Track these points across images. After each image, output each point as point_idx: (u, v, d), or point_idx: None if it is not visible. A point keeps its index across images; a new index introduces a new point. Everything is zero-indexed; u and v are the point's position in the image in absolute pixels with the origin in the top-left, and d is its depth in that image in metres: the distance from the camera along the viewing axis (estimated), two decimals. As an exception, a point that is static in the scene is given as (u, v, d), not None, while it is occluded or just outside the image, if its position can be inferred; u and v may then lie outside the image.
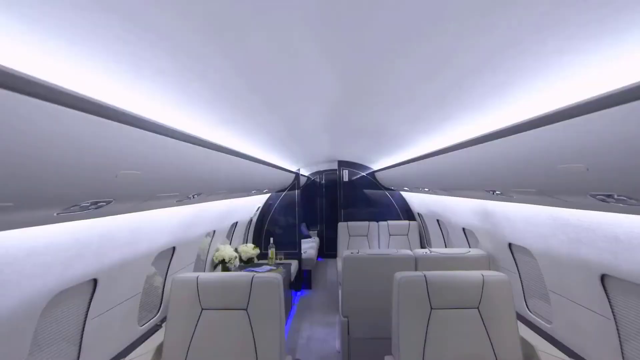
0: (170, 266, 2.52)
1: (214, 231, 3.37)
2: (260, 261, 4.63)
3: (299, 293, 5.34)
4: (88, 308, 1.72)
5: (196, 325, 2.03)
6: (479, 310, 1.99)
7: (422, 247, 5.07)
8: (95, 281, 1.70)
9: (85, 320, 1.71)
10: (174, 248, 2.51)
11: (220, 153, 1.70)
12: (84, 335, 1.70)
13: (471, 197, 2.50)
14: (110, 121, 0.90)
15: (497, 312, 1.97)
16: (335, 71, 1.23)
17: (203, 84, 1.11)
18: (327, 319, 4.32)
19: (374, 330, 2.74)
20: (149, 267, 2.17)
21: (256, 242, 5.10)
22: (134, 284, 2.05)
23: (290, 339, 3.79)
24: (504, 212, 2.29)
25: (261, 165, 2.61)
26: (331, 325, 4.14)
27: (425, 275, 2.05)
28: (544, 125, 1.05)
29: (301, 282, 5.47)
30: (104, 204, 1.15)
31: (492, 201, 2.36)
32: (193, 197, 1.88)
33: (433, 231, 4.55)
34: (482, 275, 2.03)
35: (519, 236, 2.22)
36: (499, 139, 1.30)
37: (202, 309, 2.06)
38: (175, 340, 2.01)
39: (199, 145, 1.43)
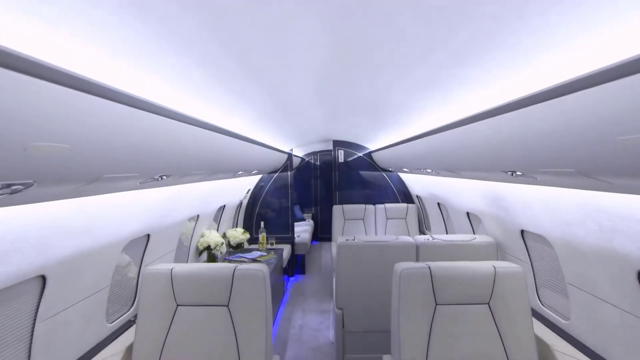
0: (144, 256, 2.27)
1: (198, 215, 3.10)
2: (251, 246, 4.40)
3: (291, 278, 5.14)
4: (37, 310, 1.46)
5: (171, 323, 1.79)
6: (489, 306, 1.77)
7: (421, 231, 4.86)
8: (43, 278, 1.44)
9: (34, 324, 1.45)
10: (148, 236, 2.25)
11: (192, 127, 1.42)
12: (33, 341, 1.45)
13: (481, 179, 2.24)
14: (7, 71, 0.62)
15: (510, 309, 1.75)
16: (326, 26, 0.95)
17: (162, 35, 0.82)
18: (321, 306, 4.13)
19: (371, 324, 2.53)
20: (117, 258, 1.92)
21: (247, 226, 4.86)
22: (98, 278, 1.79)
23: (282, 328, 3.59)
24: (519, 195, 2.04)
25: (246, 143, 2.32)
26: (325, 313, 3.94)
27: (429, 267, 1.81)
28: (603, 82, 0.78)
29: (294, 267, 5.27)
30: (21, 187, 0.88)
31: (504, 183, 2.10)
32: (161, 179, 1.61)
33: (433, 215, 4.32)
34: (494, 267, 1.79)
35: (535, 223, 1.98)
36: (533, 106, 1.03)
37: (178, 305, 1.82)
38: (146, 340, 1.77)
39: (161, 115, 1.15)
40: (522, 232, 2.21)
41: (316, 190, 7.47)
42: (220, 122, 1.76)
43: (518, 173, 1.50)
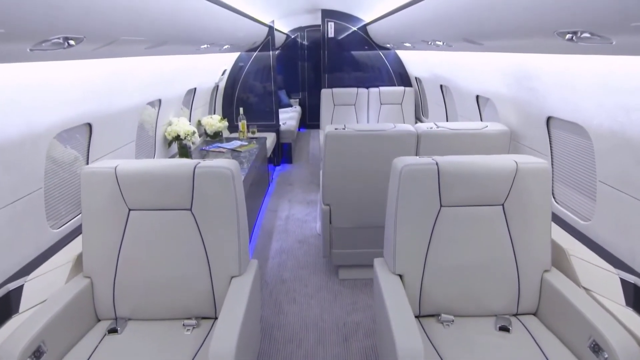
0: (90, 151, 1.87)
1: (160, 100, 2.61)
2: (231, 135, 4.00)
3: (277, 168, 4.90)
4: None
5: (124, 230, 1.50)
6: (503, 208, 1.49)
7: (417, 118, 4.46)
8: None
9: None
10: (89, 125, 1.81)
11: None
12: None
13: (511, 51, 1.75)
14: None
15: (528, 211, 1.48)
16: None
17: None
18: (308, 197, 3.97)
19: (361, 220, 2.32)
20: (42, 152, 1.52)
21: (226, 113, 4.38)
22: (21, 180, 1.42)
23: (267, 220, 3.45)
24: (558, 72, 1.59)
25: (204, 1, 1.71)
26: (312, 204, 3.79)
27: (437, 163, 1.47)
28: None
29: (280, 156, 4.98)
30: None
31: (541, 56, 1.63)
32: (69, 45, 1.10)
33: (433, 100, 3.86)
34: (516, 163, 1.46)
35: (572, 108, 1.58)
36: None
37: (130, 210, 1.50)
38: (96, 249, 1.50)
39: None
40: (548, 119, 1.83)
41: (304, 72, 6.78)
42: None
43: (584, 35, 1.03)
